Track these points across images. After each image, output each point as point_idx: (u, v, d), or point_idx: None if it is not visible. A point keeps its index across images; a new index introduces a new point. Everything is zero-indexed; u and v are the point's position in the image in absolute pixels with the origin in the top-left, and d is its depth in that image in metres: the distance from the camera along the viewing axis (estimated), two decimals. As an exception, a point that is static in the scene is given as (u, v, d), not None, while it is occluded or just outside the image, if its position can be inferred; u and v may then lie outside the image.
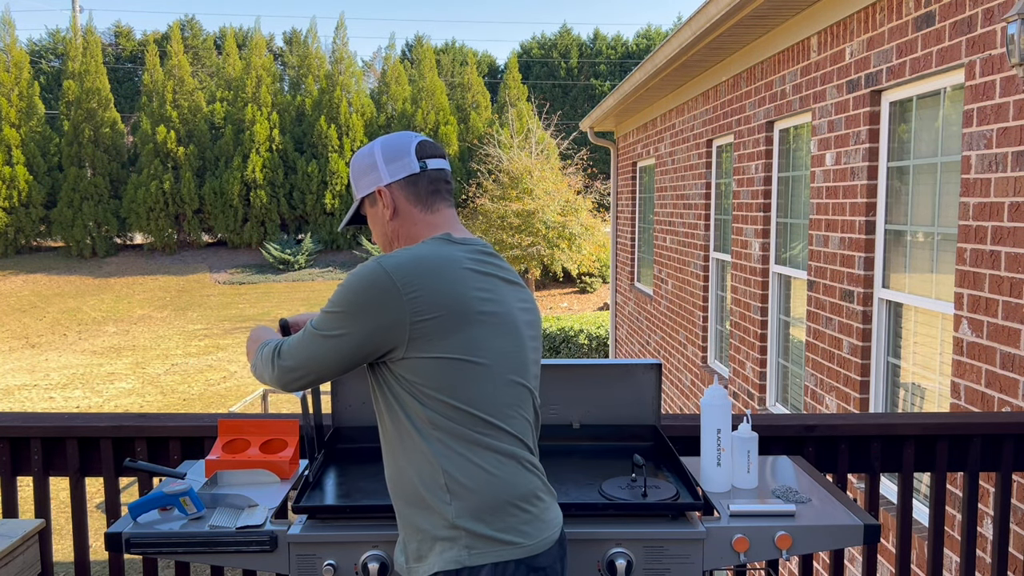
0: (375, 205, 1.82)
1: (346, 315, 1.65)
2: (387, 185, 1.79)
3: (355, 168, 1.85)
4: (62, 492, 8.87)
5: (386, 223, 1.81)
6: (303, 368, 1.70)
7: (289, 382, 1.73)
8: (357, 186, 1.86)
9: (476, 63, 33.33)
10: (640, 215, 10.57)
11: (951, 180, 3.61)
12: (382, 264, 1.64)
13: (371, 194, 1.82)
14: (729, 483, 2.15)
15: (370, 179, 1.81)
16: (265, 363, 1.76)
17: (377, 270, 1.63)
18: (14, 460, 2.63)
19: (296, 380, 1.72)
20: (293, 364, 1.71)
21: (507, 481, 1.65)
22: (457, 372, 1.63)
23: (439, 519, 1.64)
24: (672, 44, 6.16)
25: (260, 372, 1.80)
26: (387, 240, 1.83)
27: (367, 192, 1.82)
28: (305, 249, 28.13)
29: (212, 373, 16.43)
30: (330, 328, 1.66)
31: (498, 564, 1.62)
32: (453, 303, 1.63)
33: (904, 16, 3.80)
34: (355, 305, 1.63)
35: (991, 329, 3.13)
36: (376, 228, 1.85)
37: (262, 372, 1.79)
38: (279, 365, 1.72)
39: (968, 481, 2.60)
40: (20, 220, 28.14)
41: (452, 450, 1.64)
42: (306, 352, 1.69)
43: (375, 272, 1.63)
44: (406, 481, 1.68)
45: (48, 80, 32.63)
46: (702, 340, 7.51)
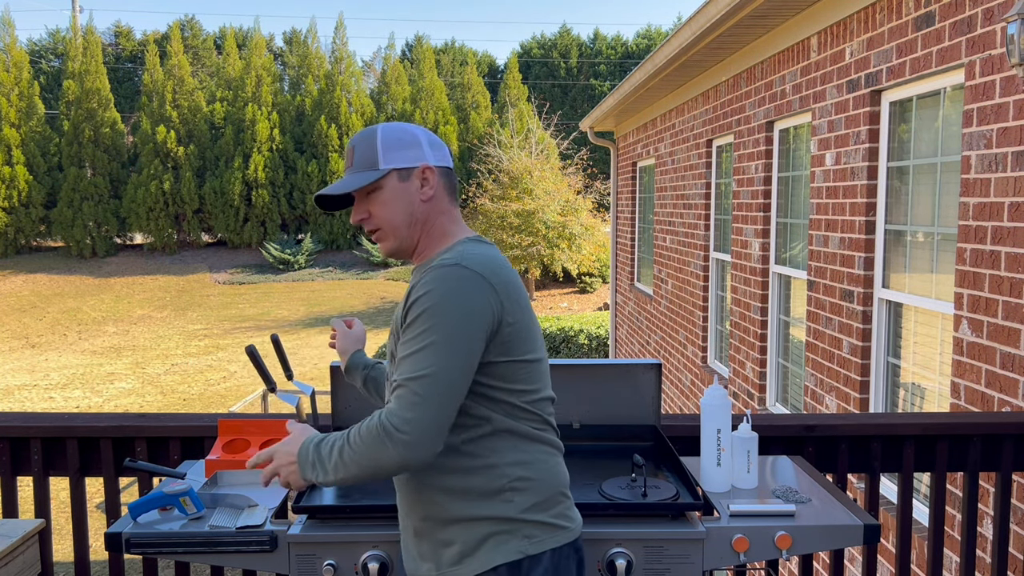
0: (406, 181, 1.71)
1: (458, 325, 1.56)
2: (432, 167, 1.73)
3: (388, 139, 1.71)
4: (62, 492, 8.87)
5: (416, 203, 1.71)
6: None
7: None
8: (386, 157, 1.70)
9: (476, 63, 33.35)
10: (640, 215, 10.57)
11: (951, 180, 3.61)
12: (471, 267, 1.58)
13: (406, 169, 1.71)
14: (729, 483, 2.15)
15: (411, 154, 1.71)
16: (382, 437, 1.55)
17: (472, 274, 1.57)
18: (14, 460, 2.63)
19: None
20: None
21: (558, 471, 1.72)
22: (528, 372, 1.67)
23: (493, 518, 1.64)
24: (672, 44, 6.16)
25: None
26: (408, 221, 1.71)
27: (403, 166, 1.70)
28: (305, 249, 28.13)
29: (212, 373, 16.43)
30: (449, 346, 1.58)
31: (556, 549, 1.66)
32: (526, 304, 1.68)
33: (904, 16, 3.80)
34: (464, 308, 1.55)
35: (991, 329, 3.13)
36: (396, 206, 1.70)
37: (380, 452, 1.55)
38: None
39: (968, 481, 2.60)
40: (20, 220, 28.14)
41: (518, 449, 1.66)
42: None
43: (472, 276, 1.57)
44: (453, 488, 1.65)
45: (48, 80, 32.63)
46: (702, 340, 7.51)
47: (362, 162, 1.71)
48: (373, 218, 1.71)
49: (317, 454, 1.59)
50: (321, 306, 23.56)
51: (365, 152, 1.71)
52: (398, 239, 1.72)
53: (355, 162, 1.71)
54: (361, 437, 1.53)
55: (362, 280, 26.82)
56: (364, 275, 27.24)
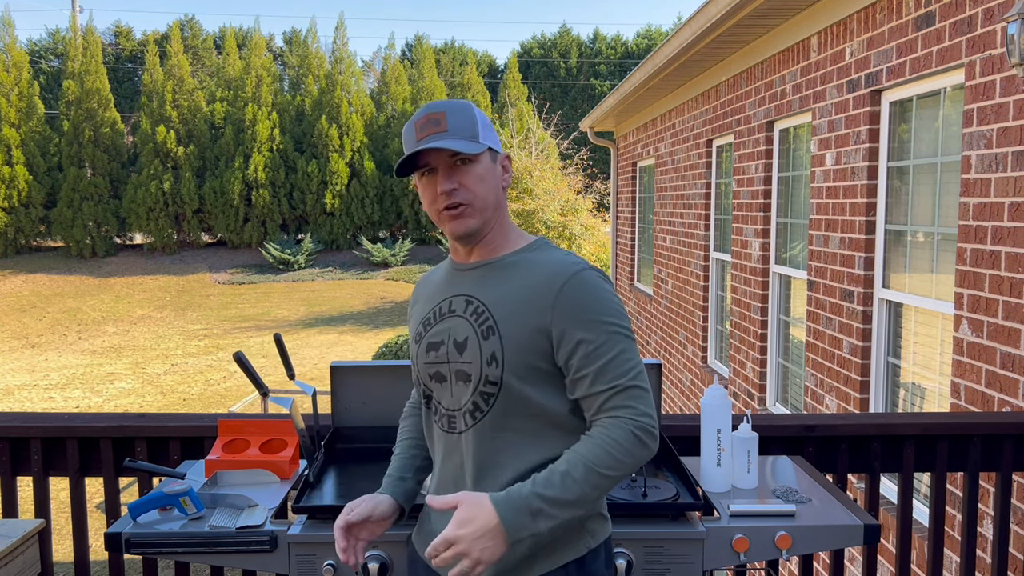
0: (494, 164, 1.67)
1: (625, 318, 1.61)
2: (510, 158, 1.71)
3: (483, 117, 1.66)
4: (62, 492, 8.87)
5: (499, 188, 1.68)
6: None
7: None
8: (485, 134, 1.64)
9: (476, 63, 33.34)
10: (640, 215, 10.57)
11: (951, 180, 3.61)
12: (593, 268, 1.62)
13: (495, 152, 1.67)
14: (729, 483, 2.15)
15: (497, 140, 1.68)
16: (643, 438, 1.54)
17: (600, 273, 1.62)
18: (14, 460, 2.63)
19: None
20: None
21: None
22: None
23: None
24: (672, 44, 6.16)
25: (641, 455, 1.55)
26: (493, 204, 1.65)
27: (495, 147, 1.67)
28: (305, 249, 28.12)
29: (212, 373, 16.42)
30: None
31: (607, 539, 1.67)
32: None
33: (904, 16, 3.80)
34: (621, 307, 1.61)
35: (991, 329, 3.13)
36: (489, 184, 1.64)
37: (643, 452, 1.55)
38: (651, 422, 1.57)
39: (968, 481, 2.60)
40: (20, 220, 28.13)
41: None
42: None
43: (601, 274, 1.62)
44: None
45: (48, 80, 32.63)
46: (702, 340, 7.51)
47: (460, 130, 1.61)
48: (465, 190, 1.61)
49: (540, 503, 1.47)
50: (321, 306, 23.56)
51: (462, 122, 1.62)
52: (484, 218, 1.64)
53: (451, 128, 1.60)
54: (622, 449, 1.50)
55: (362, 280, 26.82)
56: (364, 275, 27.24)
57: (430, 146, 1.57)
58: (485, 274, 1.67)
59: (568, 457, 1.51)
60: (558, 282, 1.57)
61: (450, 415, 1.66)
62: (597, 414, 1.56)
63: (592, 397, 1.56)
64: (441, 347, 1.65)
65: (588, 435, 1.54)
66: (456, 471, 1.66)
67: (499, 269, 1.66)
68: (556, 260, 1.61)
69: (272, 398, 2.30)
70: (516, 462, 1.60)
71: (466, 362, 1.61)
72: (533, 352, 1.57)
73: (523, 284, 1.61)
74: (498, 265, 1.67)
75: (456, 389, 1.64)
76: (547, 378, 1.60)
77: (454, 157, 1.60)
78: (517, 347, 1.57)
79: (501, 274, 1.65)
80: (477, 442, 1.61)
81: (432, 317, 1.71)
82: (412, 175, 1.68)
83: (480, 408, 1.60)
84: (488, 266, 1.68)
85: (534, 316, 1.57)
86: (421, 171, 1.64)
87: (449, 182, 1.61)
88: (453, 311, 1.67)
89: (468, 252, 1.70)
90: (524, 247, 1.69)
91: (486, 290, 1.64)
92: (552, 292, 1.57)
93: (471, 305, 1.64)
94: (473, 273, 1.69)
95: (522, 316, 1.58)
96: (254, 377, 2.24)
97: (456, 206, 1.61)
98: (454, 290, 1.70)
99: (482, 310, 1.62)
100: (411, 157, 1.62)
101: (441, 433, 1.68)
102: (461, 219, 1.63)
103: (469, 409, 1.62)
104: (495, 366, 1.58)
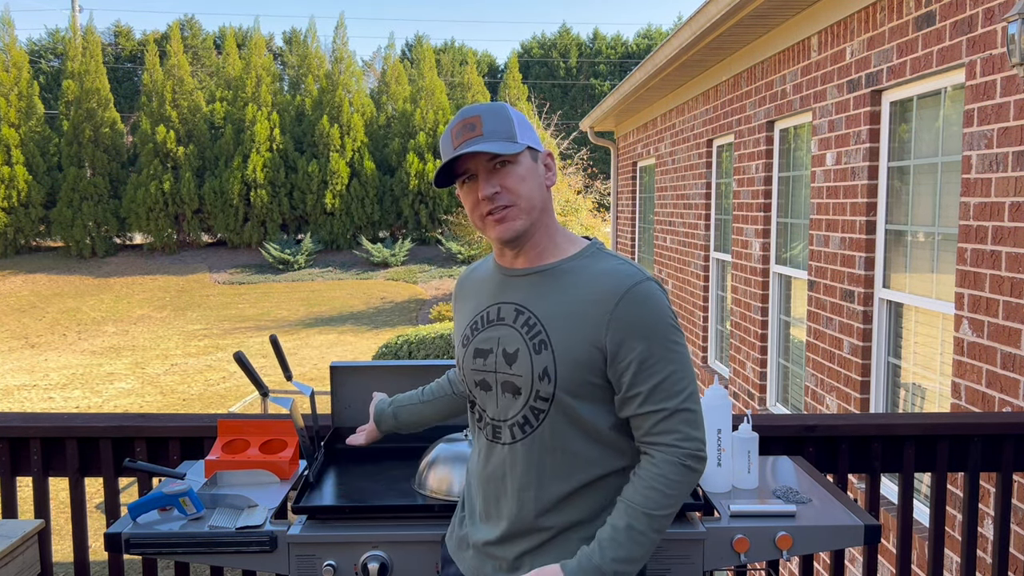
0: (536, 162, 1.62)
1: (682, 337, 1.59)
2: (552, 156, 1.67)
3: (519, 116, 1.62)
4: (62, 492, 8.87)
5: (543, 186, 1.62)
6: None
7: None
8: (521, 133, 1.59)
9: (476, 63, 33.33)
10: (640, 215, 10.57)
11: (951, 180, 3.61)
12: (656, 281, 1.59)
13: (535, 151, 1.63)
14: (729, 483, 2.14)
15: (536, 138, 1.64)
16: (691, 465, 1.54)
17: (661, 288, 1.59)
18: (14, 460, 2.62)
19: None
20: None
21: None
22: None
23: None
24: (672, 44, 6.16)
25: (692, 480, 1.56)
26: (539, 205, 1.60)
27: (534, 146, 1.62)
28: (305, 249, 28.12)
29: (212, 373, 16.42)
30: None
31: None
32: None
33: (904, 16, 3.80)
34: (677, 325, 1.59)
35: (992, 329, 3.12)
36: (532, 183, 1.59)
37: (693, 478, 1.55)
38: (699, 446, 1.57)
39: (968, 481, 2.60)
40: (20, 220, 28.13)
41: (630, 469, 1.64)
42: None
43: (662, 290, 1.59)
44: (576, 512, 1.61)
45: (48, 80, 32.63)
46: (702, 340, 7.50)
47: (496, 132, 1.56)
48: (507, 192, 1.56)
49: (614, 566, 1.49)
50: (321, 306, 23.56)
51: (498, 123, 1.57)
52: (530, 219, 1.59)
53: (486, 131, 1.56)
54: (672, 484, 1.52)
55: (362, 280, 26.82)
56: (364, 275, 27.23)
57: (466, 151, 1.53)
58: (537, 283, 1.62)
59: (626, 509, 1.51)
60: (616, 295, 1.54)
61: (495, 425, 1.63)
62: (646, 436, 1.55)
63: (642, 418, 1.55)
64: (490, 356, 1.62)
65: (638, 476, 1.54)
66: (497, 480, 1.65)
67: (552, 278, 1.61)
68: (613, 270, 1.56)
69: (272, 398, 2.30)
70: (560, 483, 1.59)
71: (516, 375, 1.59)
72: (587, 368, 1.55)
73: (579, 297, 1.56)
74: (550, 274, 1.62)
75: (503, 400, 1.62)
76: (598, 392, 1.57)
77: (492, 160, 1.56)
78: (571, 363, 1.54)
79: (554, 284, 1.60)
80: (524, 457, 1.60)
81: (480, 322, 1.67)
82: (454, 184, 1.63)
83: (530, 423, 1.59)
84: (540, 274, 1.62)
85: (590, 331, 1.54)
86: (461, 179, 1.60)
87: (490, 186, 1.57)
88: (502, 319, 1.63)
89: (515, 256, 1.65)
90: (577, 253, 1.63)
91: (538, 302, 1.60)
92: (609, 306, 1.53)
93: (522, 316, 1.60)
94: (523, 281, 1.64)
95: (578, 332, 1.54)
96: (254, 377, 2.24)
97: (500, 209, 1.57)
98: (503, 296, 1.65)
99: (534, 322, 1.58)
100: (449, 165, 1.58)
101: (486, 441, 1.67)
102: (506, 223, 1.58)
103: (519, 423, 1.60)
104: (547, 382, 1.55)
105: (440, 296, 24.16)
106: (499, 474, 1.64)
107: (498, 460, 1.64)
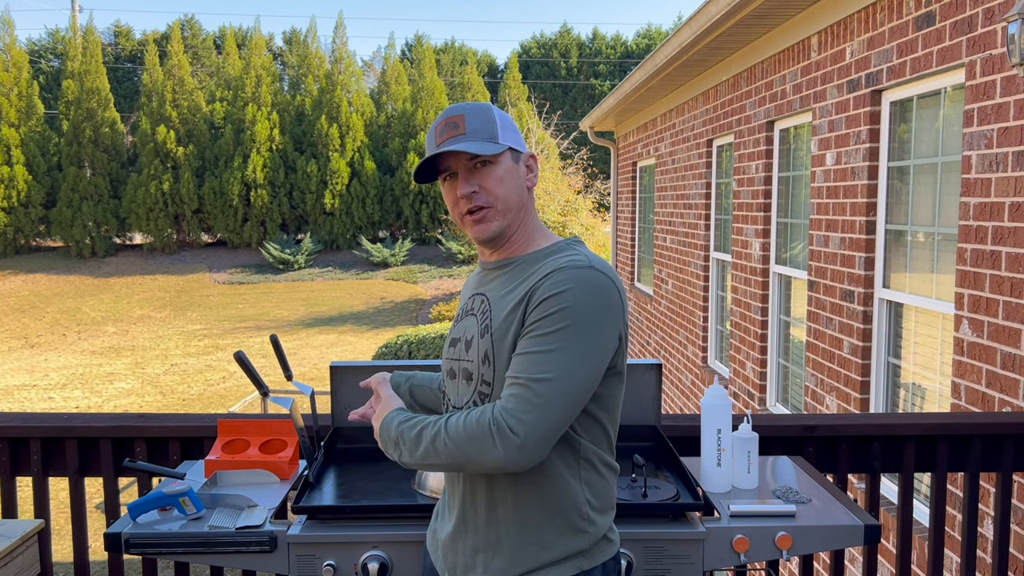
0: (517, 163, 1.63)
1: (593, 334, 1.47)
2: (535, 157, 1.68)
3: (502, 117, 1.63)
4: (62, 492, 8.87)
5: (523, 188, 1.63)
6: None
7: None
8: (503, 134, 1.61)
9: (476, 63, 33.34)
10: (640, 215, 10.57)
11: (951, 180, 3.61)
12: (606, 273, 1.51)
13: (517, 152, 1.64)
14: (729, 483, 2.14)
15: (519, 139, 1.65)
16: (493, 432, 1.47)
17: (608, 281, 1.50)
18: (13, 460, 2.62)
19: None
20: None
21: (614, 495, 1.67)
22: (620, 390, 1.61)
23: (566, 541, 1.57)
24: (672, 44, 6.16)
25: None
26: (516, 206, 1.61)
27: (516, 147, 1.63)
28: (305, 249, 28.12)
29: (211, 373, 16.41)
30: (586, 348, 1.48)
31: (605, 563, 1.62)
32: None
33: (904, 16, 3.80)
34: (601, 316, 1.48)
35: (991, 329, 3.12)
36: (512, 184, 1.60)
37: (486, 447, 1.47)
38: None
39: (968, 481, 2.60)
40: (19, 220, 28.13)
41: (596, 475, 1.60)
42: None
43: (609, 284, 1.50)
44: (528, 510, 1.57)
45: (48, 80, 32.63)
46: (702, 340, 7.50)
47: (478, 132, 1.58)
48: (485, 193, 1.58)
49: (400, 434, 1.54)
50: (321, 306, 23.56)
51: (481, 123, 1.59)
52: (507, 220, 1.60)
53: (468, 131, 1.57)
54: (466, 429, 1.45)
55: (362, 280, 26.82)
56: (364, 275, 27.24)
57: (447, 149, 1.55)
58: (504, 274, 1.65)
59: (437, 418, 1.52)
60: (548, 270, 1.51)
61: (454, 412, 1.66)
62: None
63: (509, 380, 1.48)
64: (458, 344, 1.67)
65: (467, 409, 1.53)
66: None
67: (513, 268, 1.64)
68: (566, 256, 1.54)
69: (272, 398, 2.30)
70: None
71: (469, 360, 1.62)
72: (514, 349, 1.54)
73: (522, 280, 1.57)
74: (514, 264, 1.64)
75: (460, 386, 1.65)
76: None
77: (473, 160, 1.58)
78: (504, 344, 1.54)
79: (513, 272, 1.63)
80: None
81: (460, 314, 1.73)
82: (435, 180, 1.66)
83: (478, 407, 1.59)
84: (509, 265, 1.65)
85: (517, 308, 1.53)
86: (443, 175, 1.63)
87: (468, 185, 1.58)
88: (472, 310, 1.67)
89: (491, 253, 1.69)
90: (548, 247, 1.63)
91: (496, 290, 1.63)
92: (536, 279, 1.52)
93: (483, 304, 1.64)
94: (495, 273, 1.68)
95: (510, 313, 1.54)
96: (254, 377, 2.24)
97: (478, 209, 1.59)
98: (479, 289, 1.70)
99: (486, 308, 1.62)
100: (431, 162, 1.61)
101: None
102: (483, 223, 1.60)
103: (469, 408, 1.62)
104: (487, 365, 1.57)
105: (440, 296, 24.15)
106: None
107: None
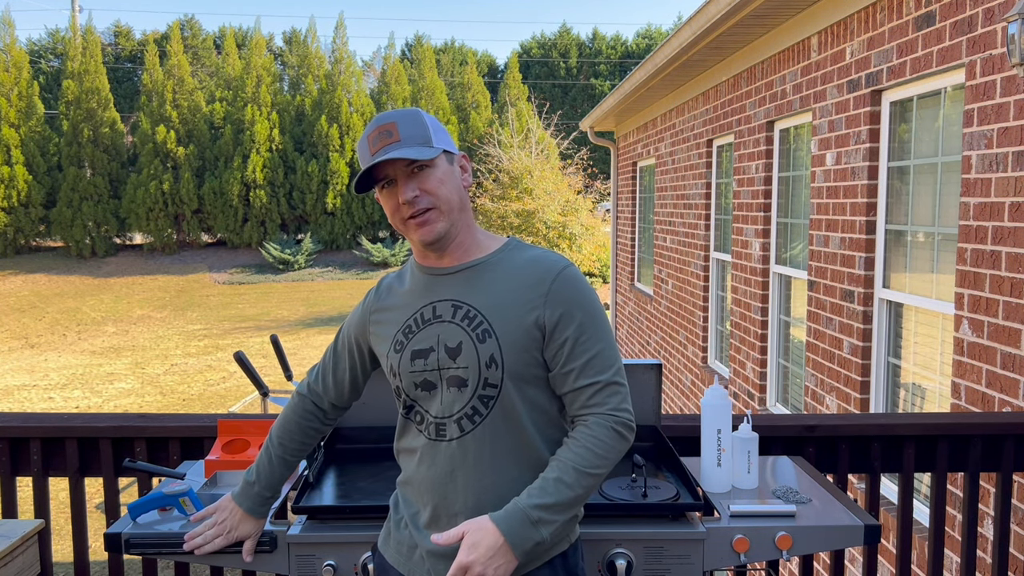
0: (452, 165, 1.67)
1: (605, 316, 1.70)
2: (467, 158, 1.74)
3: (433, 120, 1.68)
4: (62, 492, 8.87)
5: (461, 188, 1.68)
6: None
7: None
8: (436, 136, 1.65)
9: (476, 63, 33.34)
10: (640, 215, 10.57)
11: (951, 180, 3.61)
12: (575, 267, 1.69)
13: (451, 153, 1.68)
14: (729, 483, 2.14)
15: (450, 141, 1.69)
16: (622, 432, 1.62)
17: (579, 269, 1.70)
18: (13, 460, 2.62)
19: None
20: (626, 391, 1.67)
21: None
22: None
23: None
24: (672, 44, 6.16)
25: (621, 448, 1.63)
26: (458, 206, 1.66)
27: (450, 149, 1.67)
28: (305, 249, 28.12)
29: (211, 373, 16.42)
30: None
31: (577, 540, 1.72)
32: None
33: (904, 16, 3.80)
34: (601, 305, 1.69)
35: (992, 329, 3.12)
36: (451, 185, 1.65)
37: (623, 445, 1.64)
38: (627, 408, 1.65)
39: (968, 481, 2.60)
40: (19, 220, 28.12)
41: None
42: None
43: (579, 270, 1.70)
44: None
45: (48, 80, 32.61)
46: (702, 340, 7.50)
47: (412, 137, 1.62)
48: (427, 195, 1.62)
49: (538, 512, 1.54)
50: (321, 306, 23.55)
51: (414, 128, 1.63)
52: (451, 220, 1.64)
53: (403, 137, 1.61)
54: (604, 446, 1.59)
55: (362, 280, 26.82)
56: (364, 275, 27.24)
57: (386, 157, 1.57)
58: (469, 278, 1.67)
59: (558, 464, 1.57)
60: (549, 277, 1.64)
61: (439, 423, 1.65)
62: (582, 408, 1.63)
63: (577, 392, 1.63)
64: (431, 354, 1.64)
65: (571, 437, 1.61)
66: (444, 478, 1.64)
67: (483, 272, 1.67)
68: (541, 257, 1.67)
69: (272, 398, 2.30)
70: (512, 467, 1.63)
71: (461, 367, 1.62)
72: (529, 351, 1.62)
73: (513, 285, 1.64)
74: (481, 268, 1.68)
75: (447, 396, 1.63)
76: (541, 373, 1.65)
77: (411, 165, 1.61)
78: (514, 347, 1.60)
79: (487, 276, 1.67)
80: (475, 448, 1.62)
81: (414, 324, 1.68)
82: (373, 190, 1.69)
83: (479, 412, 1.62)
84: (471, 269, 1.68)
85: (528, 313, 1.61)
86: (381, 184, 1.65)
87: (409, 190, 1.62)
88: (439, 317, 1.65)
89: (439, 256, 1.70)
90: (500, 248, 1.72)
91: (475, 295, 1.65)
92: (544, 287, 1.63)
93: (460, 310, 1.64)
94: (455, 278, 1.68)
95: (517, 316, 1.61)
96: (254, 377, 2.24)
97: (422, 212, 1.63)
98: (435, 295, 1.68)
99: (474, 314, 1.63)
100: (368, 172, 1.63)
101: (427, 441, 1.67)
102: (428, 225, 1.63)
103: (467, 414, 1.62)
104: (495, 368, 1.60)
105: (440, 296, 24.11)
106: (446, 471, 1.64)
107: (444, 458, 1.65)
